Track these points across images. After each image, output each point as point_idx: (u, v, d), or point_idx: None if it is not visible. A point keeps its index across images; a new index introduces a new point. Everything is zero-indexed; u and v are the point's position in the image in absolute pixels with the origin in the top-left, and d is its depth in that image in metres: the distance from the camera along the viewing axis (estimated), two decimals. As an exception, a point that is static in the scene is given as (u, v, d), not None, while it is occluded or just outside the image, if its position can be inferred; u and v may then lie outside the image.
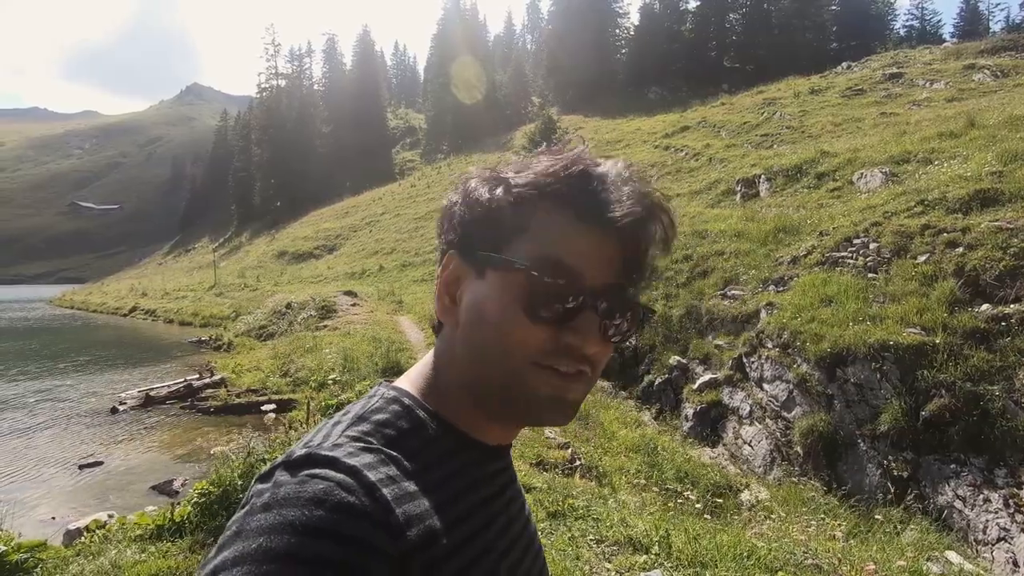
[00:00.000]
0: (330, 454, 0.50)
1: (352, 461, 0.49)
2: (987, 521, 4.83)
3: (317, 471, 0.48)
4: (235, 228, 65.93)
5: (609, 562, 2.44)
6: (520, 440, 4.89)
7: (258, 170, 65.28)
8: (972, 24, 49.67)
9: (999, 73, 18.01)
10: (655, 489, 4.45)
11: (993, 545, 4.72)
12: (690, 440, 7.37)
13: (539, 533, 2.68)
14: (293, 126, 65.09)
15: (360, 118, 65.19)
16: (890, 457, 5.57)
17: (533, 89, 59.09)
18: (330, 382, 6.18)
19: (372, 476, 0.49)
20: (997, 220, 6.39)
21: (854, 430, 5.98)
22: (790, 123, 19.89)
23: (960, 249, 6.40)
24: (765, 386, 7.16)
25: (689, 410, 7.94)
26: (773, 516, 4.42)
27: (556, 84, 52.16)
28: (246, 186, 66.13)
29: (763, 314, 7.87)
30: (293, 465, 0.49)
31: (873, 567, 3.07)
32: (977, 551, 4.76)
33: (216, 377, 10.34)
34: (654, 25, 50.13)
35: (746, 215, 11.42)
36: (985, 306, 5.86)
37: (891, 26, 52.27)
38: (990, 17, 50.65)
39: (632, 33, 53.63)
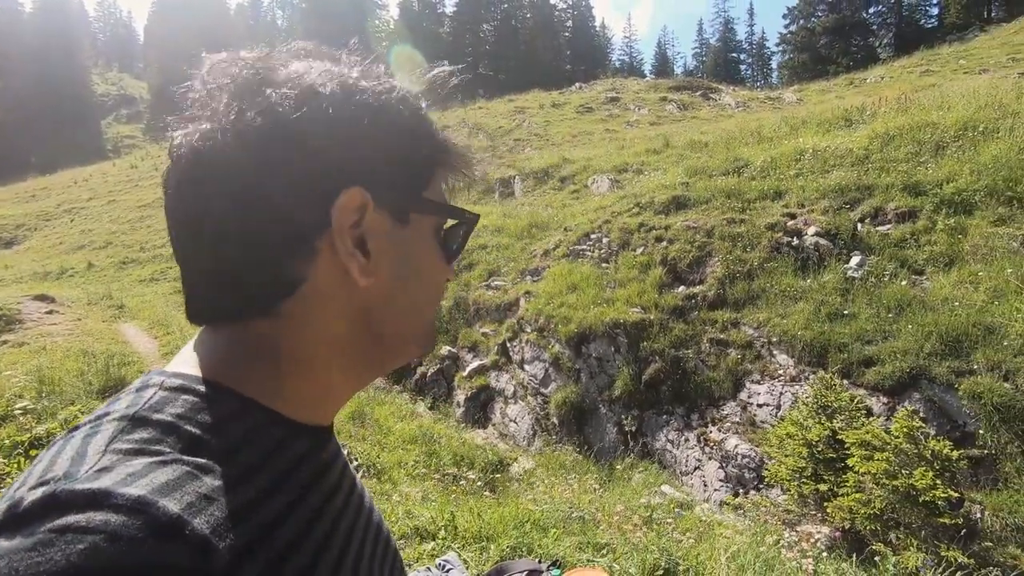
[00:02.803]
0: (91, 486, 0.32)
1: (134, 490, 0.33)
2: (687, 456, 6.16)
3: (71, 520, 0.31)
4: None
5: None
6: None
7: None
8: (663, 65, 62.44)
9: (682, 106, 22.97)
10: (435, 476, 4.54)
11: (692, 474, 6.04)
12: (463, 424, 7.72)
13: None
14: (-64, 76, 48.28)
15: (49, 77, 51.60)
16: (623, 416, 6.69)
17: (286, 70, 54.61)
18: (18, 413, 4.76)
19: (174, 505, 0.33)
20: (687, 220, 8.13)
21: (596, 397, 7.02)
22: (537, 131, 22.22)
23: (664, 243, 7.98)
24: (526, 367, 7.91)
25: (460, 396, 8.31)
26: (542, 482, 4.92)
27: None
28: None
29: (522, 302, 8.65)
30: (23, 520, 0.31)
31: (621, 508, 3.65)
32: (682, 481, 6.03)
33: None
34: (413, 23, 50.80)
35: (504, 212, 12.39)
36: (681, 287, 7.42)
37: (610, 57, 62.45)
38: (675, 62, 64.26)
39: (392, 27, 53.46)
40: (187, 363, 0.47)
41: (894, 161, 7.39)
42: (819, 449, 3.82)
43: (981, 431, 4.39)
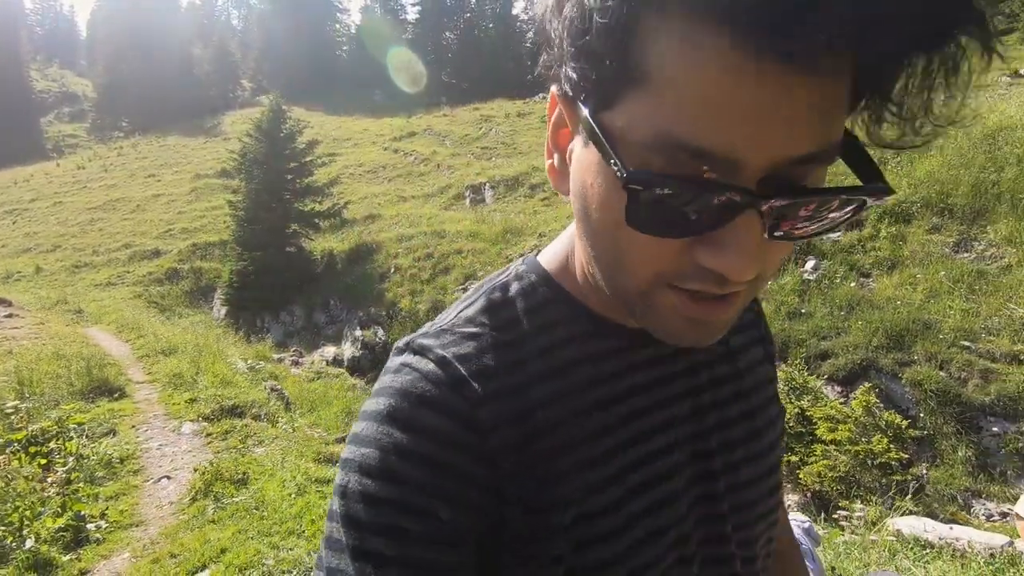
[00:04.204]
0: (425, 342, 0.47)
1: (445, 351, 0.46)
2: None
3: (411, 360, 0.46)
4: None
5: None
6: (296, 441, 4.62)
7: None
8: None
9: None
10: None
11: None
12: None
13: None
14: None
15: (-16, 71, 48.70)
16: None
17: (243, 72, 53.27)
18: (9, 411, 4.74)
19: (463, 369, 0.45)
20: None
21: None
22: (504, 139, 22.63)
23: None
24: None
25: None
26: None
27: (271, 71, 48.12)
28: None
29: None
30: (401, 349, 0.48)
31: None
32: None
33: None
34: (375, 28, 50.59)
35: (477, 218, 12.69)
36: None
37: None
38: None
39: (353, 31, 53.08)
40: (549, 248, 0.54)
41: (841, 174, 8.10)
42: (790, 425, 4.29)
43: (922, 414, 4.96)
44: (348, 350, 10.19)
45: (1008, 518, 4.02)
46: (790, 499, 4.15)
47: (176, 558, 2.85)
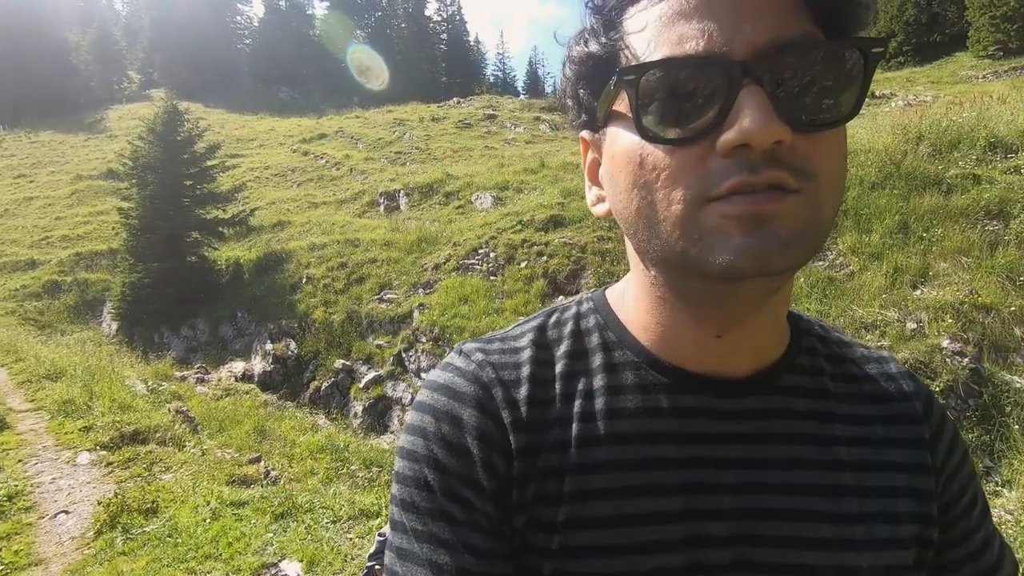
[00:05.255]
0: (473, 345, 0.53)
1: (487, 356, 0.52)
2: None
3: (455, 360, 0.52)
4: None
5: (350, 533, 2.83)
6: (209, 463, 4.57)
7: None
8: (534, 83, 65.67)
9: (554, 126, 24.72)
10: (350, 481, 4.90)
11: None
12: (360, 434, 7.98)
13: (270, 534, 2.82)
14: None
15: None
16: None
17: (130, 63, 48.99)
18: None
19: (497, 374, 0.50)
20: (563, 237, 9.17)
21: (489, 399, 7.73)
22: (419, 144, 22.60)
23: (545, 258, 8.93)
24: (423, 375, 8.37)
25: (358, 407, 8.54)
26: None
27: (164, 63, 44.65)
28: None
29: (416, 314, 9.11)
30: (455, 350, 0.54)
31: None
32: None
33: None
34: (281, 22, 48.39)
35: (392, 226, 12.70)
36: (560, 297, 8.40)
37: (484, 71, 64.29)
38: (545, 81, 67.86)
39: (256, 24, 50.43)
40: (615, 284, 0.58)
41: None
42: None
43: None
44: (258, 364, 9.89)
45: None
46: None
47: (84, 594, 2.83)
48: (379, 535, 2.47)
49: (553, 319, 0.55)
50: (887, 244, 6.76)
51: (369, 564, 2.50)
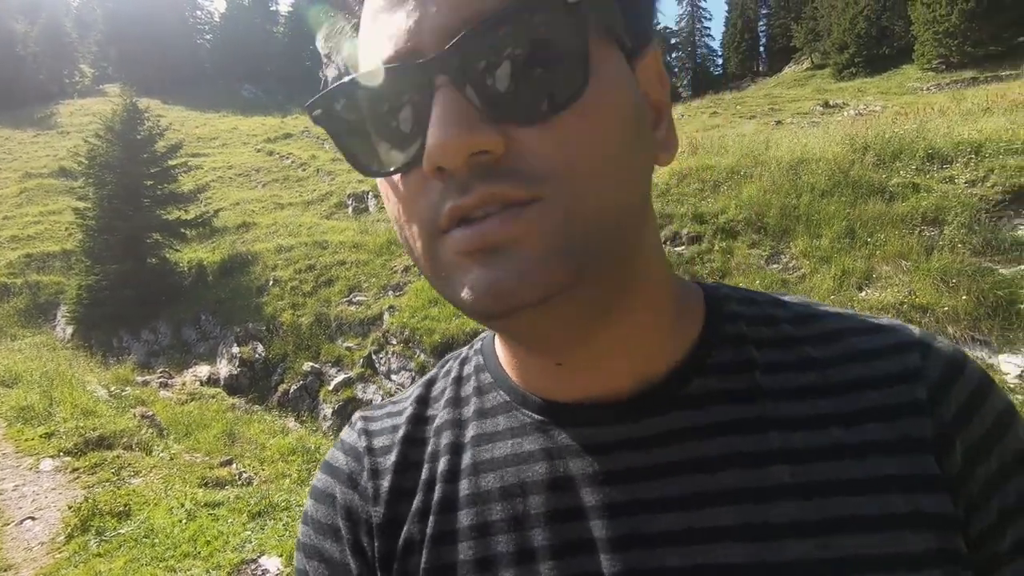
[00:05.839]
0: (363, 413, 0.51)
1: (367, 424, 0.49)
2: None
3: (343, 434, 0.51)
4: None
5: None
6: (179, 467, 4.56)
7: None
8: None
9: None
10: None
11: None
12: (330, 436, 8.00)
13: (248, 532, 2.90)
14: None
15: None
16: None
17: (82, 56, 47.11)
18: None
19: (368, 442, 0.47)
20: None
21: (460, 399, 7.85)
22: (386, 145, 22.50)
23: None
24: (393, 377, 8.44)
25: (327, 409, 8.54)
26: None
27: (119, 57, 43.12)
28: None
29: (386, 316, 9.16)
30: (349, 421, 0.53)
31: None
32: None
33: None
34: (244, 17, 47.35)
35: (361, 228, 12.67)
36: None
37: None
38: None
39: (217, 20, 49.23)
40: None
41: (686, 195, 9.38)
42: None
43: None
44: (224, 368, 9.76)
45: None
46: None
47: (61, 596, 2.84)
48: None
49: (445, 368, 0.51)
50: (835, 248, 7.18)
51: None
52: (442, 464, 0.44)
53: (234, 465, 4.75)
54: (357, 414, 0.52)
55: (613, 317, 0.37)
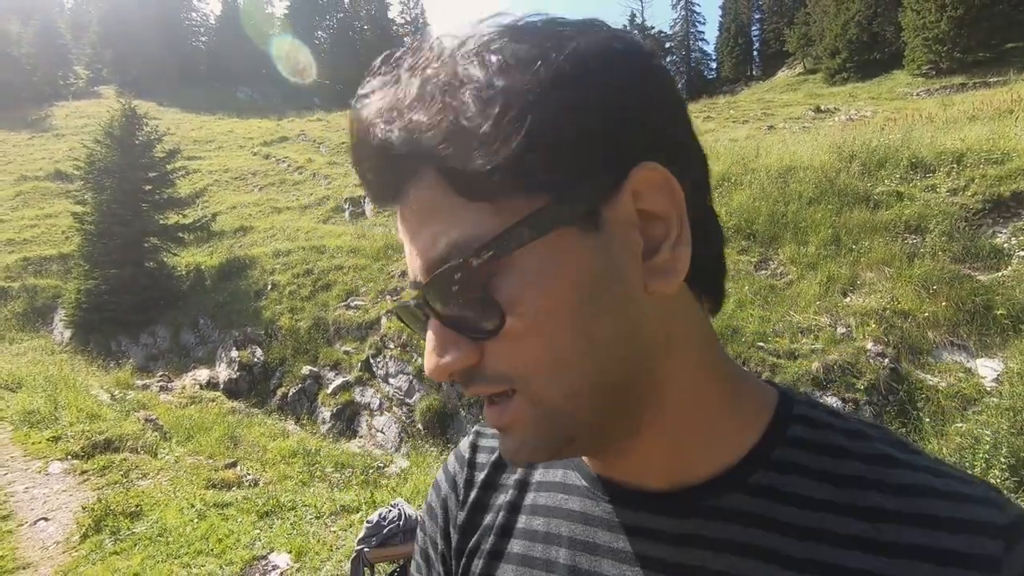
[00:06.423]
0: (478, 427, 0.59)
1: (475, 439, 0.58)
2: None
3: (466, 437, 0.60)
4: None
5: (333, 526, 3.10)
6: (184, 469, 4.71)
7: None
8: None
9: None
10: (324, 484, 5.11)
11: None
12: (330, 439, 8.14)
13: (257, 531, 3.07)
14: None
15: None
16: (479, 416, 7.75)
17: (77, 58, 47.00)
18: None
19: (472, 455, 0.57)
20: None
21: (457, 402, 7.99)
22: (382, 149, 22.61)
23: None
24: (391, 380, 8.59)
25: (326, 412, 8.68)
26: (415, 475, 5.74)
27: (114, 59, 43.08)
28: None
29: (384, 320, 9.30)
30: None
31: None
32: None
33: None
34: (240, 20, 47.39)
35: (358, 232, 12.81)
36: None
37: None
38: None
39: (213, 22, 49.24)
40: None
41: (678, 201, 9.57)
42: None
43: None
44: (223, 372, 9.88)
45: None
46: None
47: (85, 590, 2.98)
48: (367, 522, 2.75)
49: None
50: (821, 255, 7.39)
51: (358, 548, 2.79)
52: (510, 495, 0.52)
53: (239, 467, 4.90)
54: (477, 426, 0.60)
55: (643, 434, 0.41)
